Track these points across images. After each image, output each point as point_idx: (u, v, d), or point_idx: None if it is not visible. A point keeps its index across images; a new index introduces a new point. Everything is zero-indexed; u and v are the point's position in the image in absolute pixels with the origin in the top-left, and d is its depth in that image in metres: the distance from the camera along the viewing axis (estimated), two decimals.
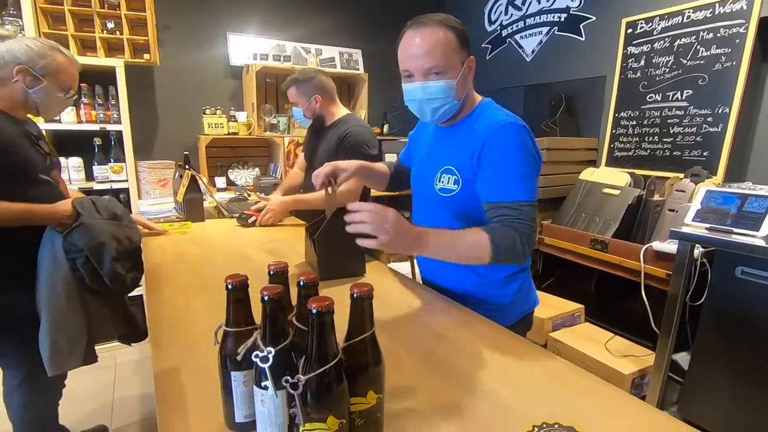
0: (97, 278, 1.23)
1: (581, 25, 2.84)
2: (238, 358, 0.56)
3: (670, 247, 1.88)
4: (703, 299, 1.77)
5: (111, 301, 1.33)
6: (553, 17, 3.02)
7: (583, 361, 1.99)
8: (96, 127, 2.50)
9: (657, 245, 1.94)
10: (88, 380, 2.15)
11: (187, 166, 2.68)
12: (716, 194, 1.72)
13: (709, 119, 2.20)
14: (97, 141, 2.51)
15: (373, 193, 3.26)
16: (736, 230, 1.60)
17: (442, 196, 1.09)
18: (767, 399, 1.54)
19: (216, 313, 0.96)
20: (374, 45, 3.65)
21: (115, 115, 2.54)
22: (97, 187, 2.51)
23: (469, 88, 1.08)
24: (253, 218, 1.87)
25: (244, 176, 3.12)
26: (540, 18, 3.11)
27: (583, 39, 2.84)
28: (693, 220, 1.72)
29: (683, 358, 1.85)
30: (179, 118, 3.06)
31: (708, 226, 1.67)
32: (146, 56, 2.64)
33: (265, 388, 0.53)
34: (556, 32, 3.02)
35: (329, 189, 1.11)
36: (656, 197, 2.20)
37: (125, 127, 2.55)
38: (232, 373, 0.58)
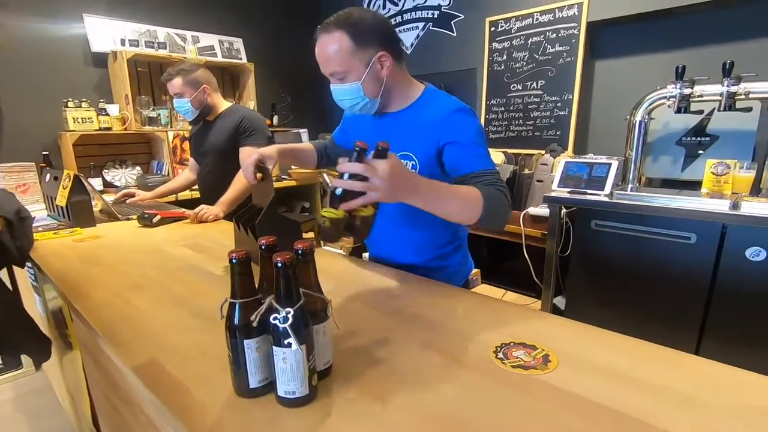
0: (24, 241, 1.20)
1: (452, 22, 3.17)
2: (254, 324, 0.60)
3: (542, 210, 2.27)
4: (569, 251, 2.19)
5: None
6: (427, 14, 3.31)
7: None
8: None
9: (532, 210, 2.32)
10: None
11: (48, 168, 2.35)
12: (572, 164, 2.13)
13: (559, 104, 2.68)
14: None
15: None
16: (588, 191, 2.02)
17: None
18: (627, 323, 1.98)
19: (164, 308, 0.94)
20: (256, 34, 3.55)
21: None
22: None
23: (396, 81, 1.06)
24: (158, 217, 1.74)
25: (123, 176, 2.80)
26: (416, 14, 3.38)
27: (455, 35, 3.18)
28: (558, 186, 2.11)
29: (560, 301, 2.26)
30: (32, 112, 2.61)
31: (569, 190, 2.07)
32: None
33: (288, 345, 0.58)
34: (431, 27, 3.31)
35: (262, 177, 1.12)
36: (526, 171, 2.62)
37: None
38: (245, 342, 0.61)
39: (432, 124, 1.03)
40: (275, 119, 3.65)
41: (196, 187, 2.26)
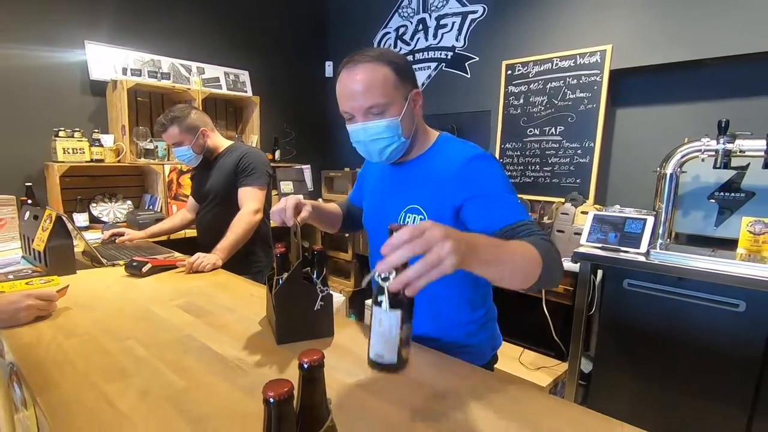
0: None
1: (466, 64, 3.10)
2: None
3: (566, 264, 2.11)
4: (593, 309, 2.02)
5: None
6: (440, 54, 3.24)
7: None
8: None
9: None
10: None
11: (29, 203, 2.19)
12: (602, 218, 1.99)
13: (579, 151, 2.57)
14: None
15: None
16: (622, 248, 1.86)
17: None
18: (661, 393, 1.79)
19: (154, 413, 0.72)
20: (262, 66, 3.46)
21: None
22: None
23: (419, 123, 1.03)
24: (149, 266, 1.54)
25: (112, 210, 2.61)
26: (428, 54, 3.32)
27: (468, 76, 3.10)
28: (587, 241, 1.96)
29: (585, 365, 2.07)
30: (16, 141, 2.44)
31: (601, 246, 1.91)
32: None
33: None
34: (444, 68, 3.24)
35: (296, 229, 0.96)
36: (545, 220, 2.47)
37: None
38: None
39: (446, 177, 0.96)
40: (277, 154, 3.51)
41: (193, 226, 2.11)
